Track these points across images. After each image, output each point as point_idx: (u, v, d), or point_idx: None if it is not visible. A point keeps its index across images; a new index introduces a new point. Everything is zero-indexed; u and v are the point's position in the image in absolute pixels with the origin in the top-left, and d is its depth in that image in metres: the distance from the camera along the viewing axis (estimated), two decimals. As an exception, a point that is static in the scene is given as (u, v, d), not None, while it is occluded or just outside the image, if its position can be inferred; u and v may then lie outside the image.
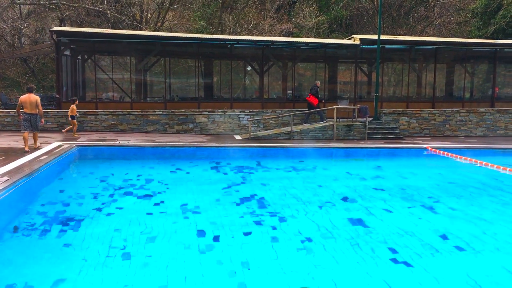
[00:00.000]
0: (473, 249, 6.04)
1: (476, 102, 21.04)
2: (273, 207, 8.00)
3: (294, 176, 11.06)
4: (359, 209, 8.02)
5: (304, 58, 21.29)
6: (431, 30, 31.92)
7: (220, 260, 5.54)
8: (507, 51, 21.43)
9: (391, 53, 21.56)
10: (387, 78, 26.16)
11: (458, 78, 23.54)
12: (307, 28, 29.65)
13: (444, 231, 6.79)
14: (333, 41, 20.81)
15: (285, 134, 16.93)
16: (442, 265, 5.53)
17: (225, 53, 20.79)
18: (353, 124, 17.33)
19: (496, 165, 11.96)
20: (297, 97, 20.75)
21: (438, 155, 14.01)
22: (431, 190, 9.58)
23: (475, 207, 8.29)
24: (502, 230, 6.93)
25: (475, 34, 29.50)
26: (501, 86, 24.67)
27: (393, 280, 5.06)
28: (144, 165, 12.11)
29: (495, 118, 19.21)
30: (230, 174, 10.99)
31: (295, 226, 6.95)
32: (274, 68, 21.86)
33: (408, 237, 6.52)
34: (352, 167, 12.73)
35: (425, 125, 18.82)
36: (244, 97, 22.15)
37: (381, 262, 5.56)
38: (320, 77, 21.43)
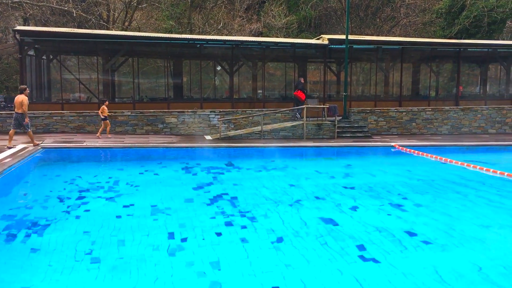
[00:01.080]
0: (439, 244, 6.18)
1: (441, 101, 21.59)
2: (244, 207, 8.00)
3: (265, 175, 11.08)
4: (329, 207, 8.10)
5: (274, 57, 21.37)
6: (398, 30, 32.56)
7: (191, 261, 5.50)
8: (470, 50, 22.06)
9: (359, 53, 21.88)
10: (355, 77, 26.54)
11: (424, 77, 24.10)
12: (277, 28, 29.78)
13: (411, 227, 6.93)
14: (302, 41, 20.97)
15: (255, 134, 16.96)
16: (409, 261, 5.64)
17: (194, 53, 20.67)
18: (322, 123, 17.50)
19: (461, 161, 12.29)
20: (267, 97, 20.83)
21: (405, 153, 14.30)
22: (399, 187, 9.77)
23: (441, 203, 8.49)
24: (466, 225, 7.12)
25: (440, 34, 30.23)
26: (465, 85, 25.38)
27: (362, 276, 5.12)
28: (113, 167, 11.92)
29: (459, 116, 19.74)
30: (200, 175, 10.93)
31: (266, 225, 6.96)
32: (244, 68, 21.88)
33: (376, 233, 6.61)
34: (322, 166, 12.86)
35: (392, 123, 19.18)
36: (214, 97, 22.10)
37: (351, 259, 5.62)
38: (290, 76, 21.58)
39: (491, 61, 23.72)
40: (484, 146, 16.02)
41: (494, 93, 24.81)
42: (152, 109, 17.67)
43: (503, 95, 23.08)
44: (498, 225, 7.21)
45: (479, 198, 9.00)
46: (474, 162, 12.27)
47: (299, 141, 16.19)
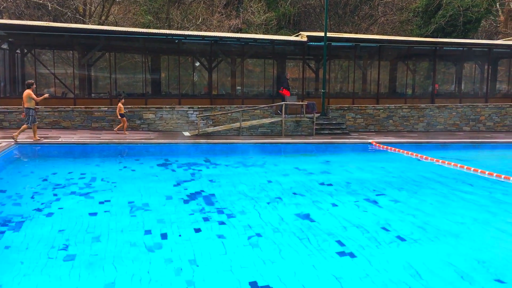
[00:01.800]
0: (413, 240, 6.28)
1: (417, 98, 21.90)
2: (222, 203, 7.98)
3: (243, 172, 11.08)
4: (307, 203, 8.14)
5: (253, 54, 21.34)
6: (376, 28, 32.87)
7: (168, 258, 5.46)
8: (446, 49, 22.42)
9: (337, 50, 22.02)
10: (334, 74, 26.72)
11: (400, 75, 24.40)
12: (256, 24, 29.75)
13: (387, 223, 7.02)
14: (281, 38, 21.00)
15: (234, 130, 16.94)
16: (384, 256, 5.71)
17: (173, 48, 20.50)
18: (301, 120, 17.58)
19: (436, 158, 12.50)
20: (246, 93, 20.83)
21: (382, 150, 14.47)
22: (375, 184, 9.88)
23: (416, 199, 8.63)
24: (440, 221, 7.24)
25: (416, 33, 30.63)
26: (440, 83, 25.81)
27: (339, 272, 5.17)
28: (89, 163, 11.75)
29: (435, 114, 20.06)
30: (178, 171, 10.86)
31: (244, 222, 6.96)
32: (223, 64, 21.80)
33: (353, 229, 6.68)
34: (300, 163, 12.91)
35: (370, 120, 19.38)
36: (193, 93, 21.97)
37: (328, 255, 5.67)
38: (269, 73, 21.59)
39: (466, 59, 24.16)
40: (459, 143, 16.32)
41: (468, 91, 25.28)
42: (130, 105, 17.46)
43: (477, 93, 23.54)
44: (472, 220, 7.36)
45: (453, 194, 9.17)
46: (449, 159, 12.50)
47: (277, 138, 16.22)
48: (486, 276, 5.11)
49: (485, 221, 7.31)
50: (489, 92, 22.52)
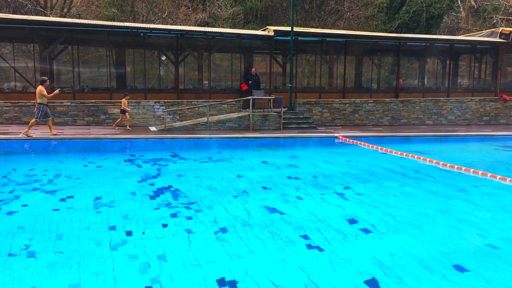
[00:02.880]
0: (378, 232, 6.40)
1: (382, 93, 22.28)
2: (189, 198, 7.92)
3: (210, 166, 11.03)
4: (274, 197, 8.17)
5: (220, 48, 21.22)
6: (342, 23, 33.22)
7: (134, 254, 5.38)
8: (409, 44, 22.88)
9: (304, 45, 22.14)
10: (301, 69, 26.88)
11: (366, 70, 24.76)
12: (223, 18, 29.58)
13: (353, 215, 7.13)
14: (248, 32, 20.95)
15: (201, 125, 16.83)
16: (351, 248, 5.80)
17: (138, 42, 20.16)
18: (268, 115, 17.62)
19: (400, 151, 12.78)
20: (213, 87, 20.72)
21: (348, 143, 14.68)
22: (342, 177, 10.01)
23: (381, 192, 8.79)
24: (404, 213, 7.41)
25: (381, 28, 31.13)
26: (404, 78, 26.32)
27: (307, 265, 5.21)
28: (52, 159, 11.45)
29: (399, 108, 20.48)
30: (144, 167, 10.71)
31: (211, 216, 6.93)
32: (190, 58, 21.58)
33: (320, 223, 6.75)
34: (268, 157, 12.95)
35: (336, 115, 19.62)
36: (159, 87, 21.68)
37: (295, 249, 5.71)
38: (237, 67, 21.51)
39: (429, 55, 24.72)
40: (422, 136, 16.72)
41: (431, 86, 25.90)
42: (94, 99, 17.09)
43: (440, 88, 24.15)
44: (434, 212, 7.55)
45: (416, 186, 9.39)
46: (413, 152, 12.79)
47: (245, 132, 16.21)
48: (447, 266, 5.26)
49: (446, 212, 7.52)
50: (451, 86, 23.14)
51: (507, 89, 22.95)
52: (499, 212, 7.58)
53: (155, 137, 14.50)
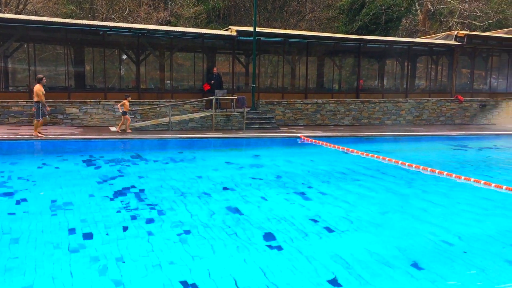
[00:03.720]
0: (339, 230, 6.49)
1: (343, 93, 22.62)
2: (151, 200, 7.80)
3: (172, 167, 10.91)
4: (237, 197, 8.16)
5: (182, 47, 21.01)
6: (304, 24, 33.56)
7: (94, 257, 5.26)
8: (369, 46, 23.34)
9: (267, 45, 22.21)
10: (264, 69, 26.97)
11: (328, 70, 25.07)
12: (185, 17, 29.32)
13: (315, 214, 7.20)
14: (210, 32, 20.84)
15: (163, 125, 16.62)
16: (313, 247, 5.85)
17: (97, 40, 19.68)
18: (231, 115, 17.59)
19: (360, 151, 13.01)
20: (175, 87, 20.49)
21: (310, 143, 14.83)
22: (304, 177, 10.10)
23: (342, 191, 8.92)
24: (364, 211, 7.54)
25: (342, 30, 31.65)
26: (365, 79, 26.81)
27: (268, 264, 5.22)
28: (5, 161, 11.02)
29: (360, 108, 20.86)
30: (104, 168, 10.48)
31: (173, 218, 6.84)
32: (151, 57, 21.26)
33: (282, 222, 6.78)
34: (231, 157, 12.92)
35: (299, 115, 19.78)
36: (119, 87, 21.23)
37: (258, 249, 5.71)
38: (199, 67, 21.36)
39: (388, 56, 25.27)
40: (382, 136, 17.10)
41: (390, 86, 26.50)
42: (51, 99, 16.56)
43: (398, 89, 24.74)
44: (393, 210, 7.73)
45: (376, 185, 9.58)
46: (373, 151, 13.05)
47: (208, 132, 16.12)
48: (405, 262, 5.39)
49: (405, 210, 7.71)
50: (409, 87, 23.75)
51: (462, 90, 23.77)
52: (454, 210, 7.83)
53: (116, 138, 14.21)
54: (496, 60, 25.47)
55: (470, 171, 10.95)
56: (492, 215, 7.49)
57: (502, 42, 23.88)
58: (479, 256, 5.64)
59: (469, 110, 22.46)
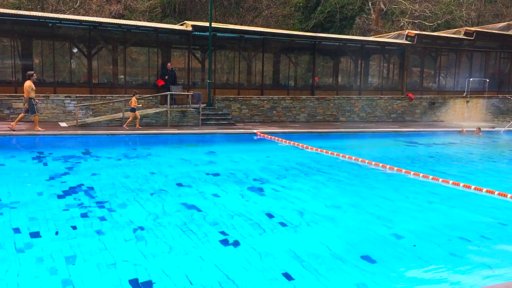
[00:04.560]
0: (294, 225, 6.55)
1: (299, 90, 22.88)
2: (103, 197, 7.60)
3: (126, 164, 10.68)
4: (192, 194, 8.08)
5: (136, 42, 20.57)
6: (260, 20, 33.63)
7: (41, 257, 5.07)
8: (324, 44, 23.69)
9: (223, 41, 22.11)
10: (220, 65, 26.85)
11: (284, 67, 25.26)
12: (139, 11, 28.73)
13: (270, 210, 7.24)
14: (165, 26, 20.52)
15: (117, 121, 16.25)
16: (268, 242, 5.88)
17: (47, 32, 18.95)
18: (187, 111, 17.41)
19: (315, 147, 13.20)
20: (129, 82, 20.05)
21: (266, 140, 14.90)
22: (259, 173, 10.14)
23: (297, 186, 9.01)
24: (318, 206, 7.66)
25: (298, 27, 31.92)
26: (320, 76, 27.19)
27: (224, 261, 5.21)
28: None
29: (315, 105, 21.15)
30: (54, 165, 10.12)
31: (126, 215, 6.70)
32: (104, 51, 20.70)
33: (238, 218, 6.78)
34: (186, 153, 12.80)
35: (255, 111, 19.83)
36: (70, 81, 20.54)
37: (213, 245, 5.68)
38: (154, 62, 21.00)
39: (342, 54, 25.73)
40: (336, 132, 17.41)
41: (345, 84, 27.01)
42: (-3, 93, 15.85)
43: (352, 86, 25.26)
44: (346, 205, 7.88)
45: (330, 180, 9.75)
46: (327, 147, 13.26)
47: (163, 129, 15.88)
48: (357, 256, 5.51)
49: (357, 205, 7.88)
50: (362, 85, 24.29)
51: (413, 88, 24.55)
52: (403, 204, 8.09)
53: (66, 134, 13.76)
54: (445, 59, 26.46)
55: (420, 167, 11.34)
56: (438, 209, 7.78)
57: (450, 42, 24.83)
58: (427, 249, 5.84)
59: (419, 108, 23.23)
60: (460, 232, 6.48)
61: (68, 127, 14.98)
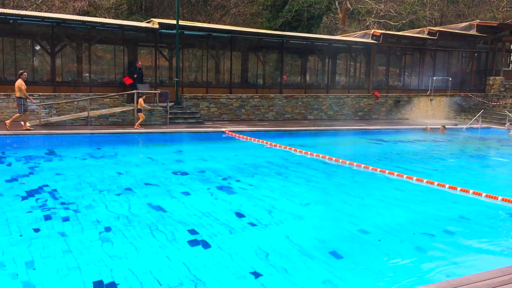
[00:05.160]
0: (262, 224, 6.56)
1: (267, 89, 22.91)
2: (67, 198, 7.42)
3: (91, 164, 10.45)
4: (160, 194, 7.99)
5: (101, 39, 20.16)
6: (228, 19, 33.52)
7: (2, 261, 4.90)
8: (292, 42, 23.81)
9: (191, 39, 21.93)
10: (188, 63, 26.64)
11: (252, 66, 25.27)
12: (104, 8, 28.18)
13: (239, 209, 7.23)
14: (131, 24, 20.20)
15: (81, 120, 15.89)
16: (236, 241, 5.87)
17: (7, 29, 18.36)
18: (154, 109, 17.19)
19: (284, 145, 13.26)
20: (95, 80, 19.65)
21: (235, 138, 14.87)
22: (228, 171, 10.11)
23: (266, 185, 9.04)
24: (286, 204, 7.69)
25: (266, 26, 31.99)
26: (288, 74, 27.35)
27: (193, 260, 5.17)
28: None
29: (283, 103, 21.25)
30: (15, 165, 9.82)
31: (91, 216, 6.56)
32: (68, 49, 20.22)
33: (207, 217, 6.74)
34: (154, 153, 12.63)
35: (223, 110, 19.76)
36: (33, 79, 19.97)
37: (181, 245, 5.63)
38: (120, 60, 20.65)
39: (310, 53, 25.95)
40: (304, 131, 17.53)
41: (313, 82, 27.23)
42: (-45, 92, 15.25)
43: (320, 85, 25.49)
44: (314, 202, 7.95)
45: (298, 178, 9.81)
46: (295, 145, 13.34)
47: (130, 128, 15.63)
48: (325, 252, 5.56)
49: (325, 202, 7.97)
50: (330, 83, 24.54)
51: (379, 86, 24.96)
52: (369, 200, 8.22)
53: (28, 133, 13.36)
54: (409, 58, 27.02)
55: (386, 164, 11.55)
56: (403, 205, 7.94)
57: (414, 42, 25.37)
58: (392, 244, 5.96)
59: (385, 106, 23.66)
60: (424, 227, 6.63)
61: (31, 126, 14.54)
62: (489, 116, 22.64)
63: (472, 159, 13.47)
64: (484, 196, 8.14)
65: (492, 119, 22.27)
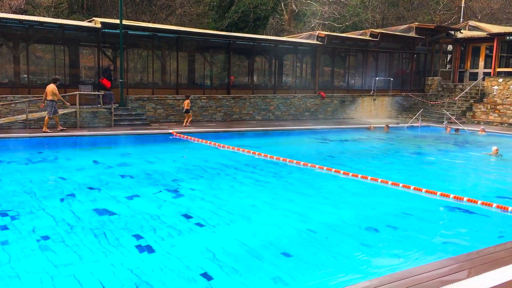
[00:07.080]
0: (211, 225, 6.51)
1: (215, 89, 22.81)
2: (4, 205, 7.05)
3: (30, 169, 9.99)
4: (104, 198, 7.75)
5: (40, 39, 19.35)
6: (174, 19, 33.11)
7: None
8: (239, 43, 23.84)
9: (135, 39, 21.48)
10: (133, 64, 26.08)
11: (199, 66, 25.09)
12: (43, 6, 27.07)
13: (187, 211, 7.14)
14: (71, 23, 19.50)
15: (20, 123, 15.17)
16: (185, 243, 5.79)
17: None
18: (98, 111, 16.69)
19: (231, 146, 13.24)
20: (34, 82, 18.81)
21: (182, 140, 14.69)
22: (176, 173, 9.97)
23: (214, 186, 8.98)
24: (236, 205, 7.68)
25: (212, 26, 31.87)
26: (236, 75, 27.36)
27: (139, 265, 5.04)
28: None
29: (231, 104, 21.23)
30: None
31: (31, 224, 6.26)
32: (4, 49, 19.27)
33: (154, 220, 6.61)
34: (98, 156, 12.25)
35: (170, 111, 19.49)
36: (-35, 80, 18.90)
37: (127, 251, 5.48)
38: (61, 60, 19.89)
39: (257, 54, 26.08)
40: (252, 131, 17.59)
41: (260, 83, 27.40)
42: None
43: (267, 85, 25.69)
44: (262, 202, 7.98)
45: (246, 179, 9.83)
46: (244, 146, 13.36)
47: (72, 130, 15.08)
48: (274, 252, 5.59)
49: (274, 202, 8.02)
50: (277, 84, 24.78)
51: (324, 87, 25.45)
52: (317, 199, 8.35)
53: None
54: (353, 60, 27.74)
55: (332, 162, 11.79)
56: (349, 202, 8.14)
57: (357, 43, 26.08)
58: (339, 241, 6.08)
59: (330, 106, 24.18)
60: (368, 223, 6.81)
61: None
62: (428, 115, 23.66)
63: (413, 156, 13.99)
64: (424, 191, 8.48)
65: (431, 118, 23.30)
